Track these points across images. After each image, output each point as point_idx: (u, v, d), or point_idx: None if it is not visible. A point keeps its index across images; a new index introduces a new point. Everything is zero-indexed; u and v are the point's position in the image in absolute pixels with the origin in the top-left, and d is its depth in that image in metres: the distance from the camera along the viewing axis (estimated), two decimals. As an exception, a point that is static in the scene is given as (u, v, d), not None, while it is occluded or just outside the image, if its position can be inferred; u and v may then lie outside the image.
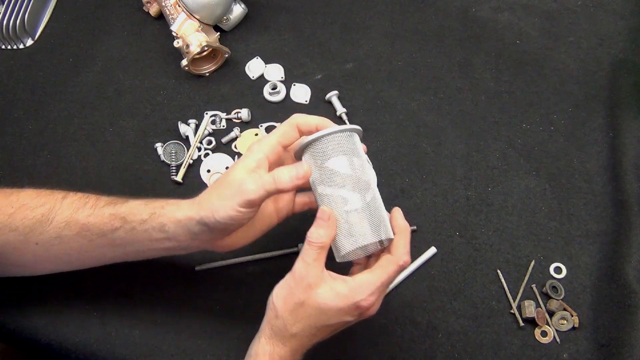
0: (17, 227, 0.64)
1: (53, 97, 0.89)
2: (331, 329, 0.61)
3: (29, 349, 0.76)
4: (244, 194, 0.59)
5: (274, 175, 0.60)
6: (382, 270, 0.59)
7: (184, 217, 0.62)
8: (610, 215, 0.76)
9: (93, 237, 0.65)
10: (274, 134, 0.63)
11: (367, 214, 0.60)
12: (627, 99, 0.83)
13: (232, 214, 0.60)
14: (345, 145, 0.61)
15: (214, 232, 0.62)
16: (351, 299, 0.58)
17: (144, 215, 0.63)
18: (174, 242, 0.64)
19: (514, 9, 0.92)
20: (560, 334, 0.70)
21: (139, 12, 0.96)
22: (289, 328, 0.59)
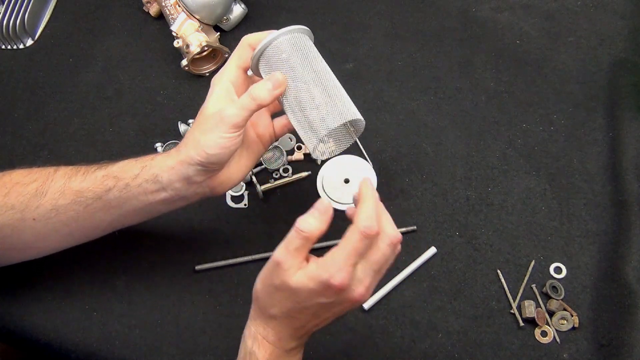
0: (14, 205, 0.65)
1: (53, 97, 0.89)
2: (311, 313, 0.57)
3: (29, 349, 0.76)
4: (226, 120, 0.60)
5: (251, 92, 0.61)
6: (345, 241, 0.55)
7: (175, 163, 0.63)
8: (610, 215, 0.76)
9: (88, 201, 0.65)
10: (231, 59, 0.65)
11: (331, 101, 0.61)
12: (627, 99, 0.83)
13: (220, 142, 0.61)
14: (296, 45, 0.62)
15: (208, 169, 0.63)
16: (319, 277, 0.54)
17: (135, 170, 0.64)
18: (170, 192, 0.64)
19: (514, 9, 0.92)
20: (560, 334, 0.70)
21: (139, 12, 0.96)
22: (268, 310, 0.58)
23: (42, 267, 0.75)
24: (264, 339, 0.58)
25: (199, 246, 0.77)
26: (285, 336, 0.58)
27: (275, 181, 0.80)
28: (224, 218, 0.78)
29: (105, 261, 0.76)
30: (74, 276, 0.76)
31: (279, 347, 0.58)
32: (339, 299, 0.56)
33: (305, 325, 0.58)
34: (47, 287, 0.75)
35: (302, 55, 0.63)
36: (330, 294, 0.55)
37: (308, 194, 0.80)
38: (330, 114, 0.61)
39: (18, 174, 0.67)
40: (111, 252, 0.77)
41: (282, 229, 0.70)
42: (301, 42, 0.63)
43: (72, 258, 0.75)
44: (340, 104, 0.62)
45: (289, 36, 0.63)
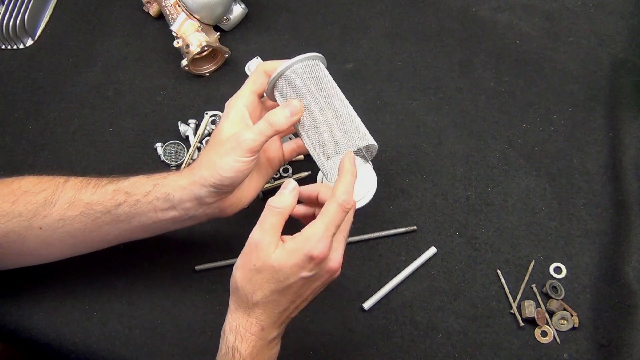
0: (21, 212, 0.65)
1: (53, 97, 0.89)
2: (293, 292, 0.58)
3: (29, 349, 0.76)
4: (243, 144, 0.61)
5: (268, 119, 0.62)
6: (324, 214, 0.58)
7: (188, 183, 0.63)
8: (610, 215, 0.76)
9: (97, 215, 0.65)
10: (246, 85, 0.66)
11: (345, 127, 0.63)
12: (627, 99, 0.83)
13: (236, 166, 0.62)
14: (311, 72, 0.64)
15: (220, 192, 0.64)
16: (301, 250, 0.56)
17: (147, 187, 0.65)
18: (180, 211, 0.65)
19: (514, 9, 0.92)
20: (560, 334, 0.70)
21: (139, 12, 0.96)
22: (250, 298, 0.58)
23: (42, 268, 0.75)
24: (246, 331, 0.58)
25: (199, 246, 0.77)
26: (268, 324, 0.59)
27: (275, 181, 0.80)
28: (224, 218, 0.78)
29: (105, 261, 0.76)
30: (74, 276, 0.76)
31: (261, 339, 0.59)
32: (319, 272, 0.58)
33: (288, 308, 0.59)
34: (47, 287, 0.75)
35: (317, 82, 0.64)
36: (311, 266, 0.57)
37: (308, 194, 0.80)
38: (344, 140, 0.63)
39: (27, 181, 0.67)
40: (111, 252, 0.76)
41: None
42: (316, 69, 0.65)
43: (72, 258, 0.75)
44: (353, 130, 0.64)
45: (305, 63, 0.64)
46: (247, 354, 0.58)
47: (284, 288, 0.58)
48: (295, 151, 0.72)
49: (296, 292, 0.59)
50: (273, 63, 0.66)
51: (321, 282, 0.60)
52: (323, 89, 0.65)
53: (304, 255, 0.56)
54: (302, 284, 0.58)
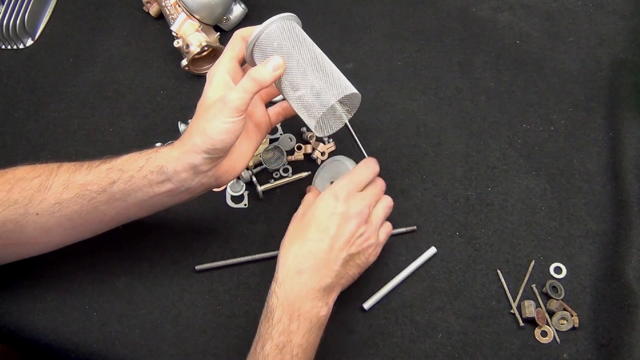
0: (17, 200, 0.65)
1: (53, 97, 0.89)
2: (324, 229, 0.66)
3: (29, 349, 0.76)
4: (229, 104, 0.62)
5: (251, 75, 0.63)
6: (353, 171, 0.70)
7: (181, 153, 0.64)
8: (610, 215, 0.76)
9: (92, 195, 0.65)
10: (225, 52, 0.67)
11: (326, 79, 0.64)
12: (627, 99, 0.83)
13: (226, 127, 0.62)
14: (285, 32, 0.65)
15: (214, 157, 0.64)
16: (329, 189, 0.68)
17: (140, 162, 0.65)
18: (175, 183, 0.65)
19: (514, 9, 0.92)
20: (560, 334, 0.70)
21: (139, 12, 0.96)
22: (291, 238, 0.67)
23: (42, 267, 0.75)
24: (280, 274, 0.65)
25: (199, 246, 0.77)
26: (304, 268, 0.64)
27: (275, 181, 0.80)
28: (224, 218, 0.78)
29: (105, 261, 0.76)
30: (74, 276, 0.76)
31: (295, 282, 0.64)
32: (349, 211, 0.67)
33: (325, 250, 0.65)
34: (47, 287, 0.75)
35: (293, 39, 0.65)
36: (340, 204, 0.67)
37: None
38: (326, 92, 0.63)
39: (21, 170, 0.68)
40: (111, 252, 0.77)
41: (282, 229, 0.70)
42: (292, 28, 0.66)
43: (72, 258, 0.75)
44: (336, 81, 0.65)
45: (279, 24, 0.65)
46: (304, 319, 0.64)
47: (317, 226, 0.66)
48: (280, 114, 0.74)
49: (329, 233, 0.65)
50: (249, 28, 0.67)
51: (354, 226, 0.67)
52: (301, 47, 0.65)
53: (330, 193, 0.67)
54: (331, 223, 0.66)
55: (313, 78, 0.64)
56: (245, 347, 0.71)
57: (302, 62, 0.64)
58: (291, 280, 0.63)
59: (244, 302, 0.74)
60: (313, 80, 0.64)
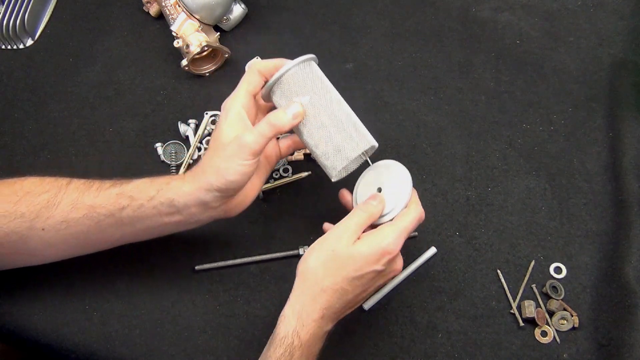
0: (23, 213, 0.65)
1: (53, 97, 0.89)
2: (362, 284, 0.62)
3: (29, 349, 0.76)
4: (246, 148, 0.62)
5: (270, 120, 0.63)
6: (403, 219, 0.64)
7: (193, 189, 0.64)
8: (610, 215, 0.76)
9: (101, 217, 0.65)
10: (241, 85, 0.67)
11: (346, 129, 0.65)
12: (627, 99, 0.83)
13: (241, 170, 0.63)
14: (308, 74, 0.65)
15: (225, 195, 0.65)
16: (379, 244, 0.61)
17: (150, 192, 0.65)
18: (184, 215, 0.65)
19: (514, 9, 0.92)
20: (560, 334, 0.70)
21: (139, 12, 0.96)
22: (321, 281, 0.60)
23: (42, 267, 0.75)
24: (308, 316, 0.60)
25: (199, 246, 0.77)
26: (329, 314, 0.61)
27: (275, 181, 0.80)
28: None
29: (105, 261, 0.76)
30: (74, 276, 0.76)
31: (320, 327, 0.61)
32: (388, 268, 0.63)
33: (350, 301, 0.62)
34: (47, 287, 0.75)
35: (314, 84, 0.65)
36: (384, 261, 0.61)
37: (308, 194, 0.80)
38: (346, 145, 0.64)
39: (30, 182, 0.67)
40: (111, 252, 0.76)
41: (282, 229, 0.70)
42: (312, 71, 0.66)
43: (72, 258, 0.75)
44: (355, 134, 0.65)
45: (300, 66, 0.65)
46: (305, 340, 0.60)
47: (355, 277, 0.60)
48: (291, 147, 0.73)
49: (364, 284, 0.62)
50: (266, 62, 0.67)
51: (384, 280, 0.64)
52: (320, 91, 0.65)
53: (382, 249, 0.61)
54: (371, 277, 0.62)
55: (333, 130, 0.64)
56: (245, 347, 0.71)
57: (323, 110, 0.65)
58: (315, 324, 0.61)
59: (244, 302, 0.74)
60: (333, 132, 0.64)
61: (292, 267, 0.75)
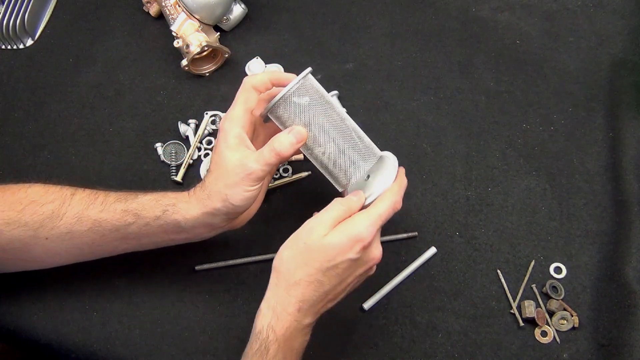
0: (27, 222, 0.65)
1: (53, 97, 0.89)
2: (337, 274, 0.60)
3: (29, 349, 0.76)
4: (251, 175, 0.62)
5: (274, 147, 0.63)
6: (377, 205, 0.62)
7: (200, 214, 0.64)
8: (610, 215, 0.76)
9: (105, 232, 0.66)
10: (237, 104, 0.65)
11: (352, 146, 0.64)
12: (627, 99, 0.83)
13: (246, 195, 0.63)
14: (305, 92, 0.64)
15: (231, 217, 0.65)
16: (350, 231, 0.59)
17: (156, 212, 0.65)
18: (191, 234, 0.67)
19: (514, 9, 0.92)
20: (560, 334, 0.70)
21: (139, 12, 0.96)
22: (292, 274, 0.60)
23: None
24: (283, 310, 0.59)
25: (199, 246, 0.77)
26: (305, 306, 0.60)
27: (275, 181, 0.80)
28: (224, 218, 0.78)
29: (105, 261, 0.76)
30: (74, 276, 0.76)
31: (296, 320, 0.60)
32: (364, 257, 0.61)
33: (328, 292, 0.60)
34: (47, 287, 0.75)
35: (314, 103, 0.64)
36: (358, 249, 0.59)
37: (308, 194, 0.80)
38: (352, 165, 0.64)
39: (34, 191, 0.67)
40: (111, 252, 0.77)
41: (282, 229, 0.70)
42: (311, 88, 0.65)
43: (72, 258, 0.75)
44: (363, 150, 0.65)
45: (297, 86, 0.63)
46: (281, 335, 0.59)
47: (328, 268, 0.59)
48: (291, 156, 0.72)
49: (340, 274, 0.60)
50: (261, 77, 0.66)
51: (363, 269, 0.62)
52: (321, 107, 0.64)
53: (354, 237, 0.59)
54: (346, 266, 0.60)
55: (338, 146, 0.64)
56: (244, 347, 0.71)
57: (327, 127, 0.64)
58: (290, 317, 0.60)
59: (244, 302, 0.74)
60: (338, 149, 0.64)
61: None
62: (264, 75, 0.66)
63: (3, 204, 0.65)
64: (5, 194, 0.67)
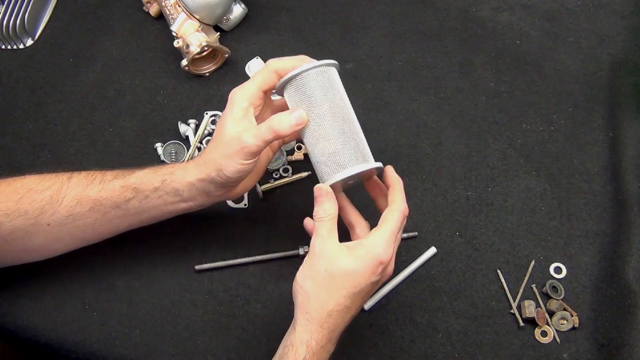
0: (27, 210, 0.65)
1: (53, 97, 0.89)
2: (362, 297, 0.61)
3: (29, 349, 0.76)
4: (245, 149, 0.62)
5: (272, 125, 0.62)
6: (387, 221, 0.61)
7: (195, 180, 0.65)
8: (610, 215, 0.76)
9: (107, 210, 0.67)
10: (254, 80, 0.65)
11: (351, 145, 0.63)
12: (627, 99, 0.83)
13: (240, 168, 0.63)
14: (323, 80, 0.64)
15: (226, 186, 0.66)
16: (371, 255, 0.59)
17: (155, 183, 0.66)
18: (190, 203, 0.67)
19: (514, 9, 0.92)
20: (560, 334, 0.70)
21: (139, 12, 0.96)
22: (325, 306, 0.59)
23: (42, 267, 0.75)
24: (317, 344, 0.59)
25: (199, 246, 0.77)
26: (335, 335, 0.61)
27: (275, 181, 0.80)
28: (224, 218, 0.78)
29: (105, 261, 0.76)
30: (74, 276, 0.76)
31: (328, 351, 0.60)
32: (382, 276, 0.61)
33: (353, 315, 0.61)
34: (47, 287, 0.75)
35: (326, 92, 0.64)
36: (380, 269, 0.60)
37: (308, 194, 0.80)
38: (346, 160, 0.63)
39: (30, 180, 0.67)
40: (111, 252, 0.77)
41: (282, 228, 0.70)
42: (329, 78, 0.64)
43: (72, 258, 0.75)
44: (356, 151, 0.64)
45: (318, 70, 0.63)
46: None
47: (356, 293, 0.59)
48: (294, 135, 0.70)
49: (364, 296, 0.61)
50: (285, 61, 0.65)
51: (379, 284, 0.63)
52: (331, 100, 0.64)
53: (375, 260, 0.59)
54: (370, 288, 0.61)
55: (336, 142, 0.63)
56: (245, 347, 0.71)
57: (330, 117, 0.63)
58: (324, 349, 0.60)
59: (244, 302, 0.74)
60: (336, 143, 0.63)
61: (292, 267, 0.75)
62: (290, 61, 0.65)
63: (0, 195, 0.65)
64: (1, 186, 0.67)
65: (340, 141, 0.63)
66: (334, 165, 0.63)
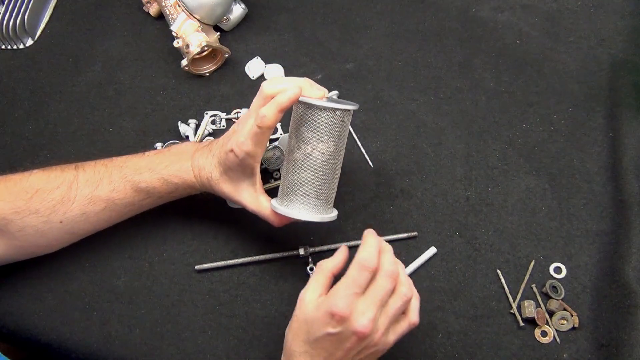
0: (38, 209, 0.66)
1: (53, 97, 0.89)
2: (323, 348, 0.58)
3: (29, 349, 0.76)
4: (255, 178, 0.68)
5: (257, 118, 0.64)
6: (346, 275, 0.59)
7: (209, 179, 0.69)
8: (610, 215, 0.76)
9: (120, 208, 0.70)
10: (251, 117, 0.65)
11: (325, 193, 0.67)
12: (627, 99, 0.83)
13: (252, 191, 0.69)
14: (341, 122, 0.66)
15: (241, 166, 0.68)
16: (324, 305, 0.58)
17: (169, 188, 0.70)
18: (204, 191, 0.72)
19: (514, 9, 0.92)
20: (560, 334, 0.70)
21: (139, 12, 0.96)
22: (291, 346, 0.60)
23: (42, 267, 0.75)
24: None
25: (199, 246, 0.77)
26: None
27: (275, 181, 0.80)
28: (224, 218, 0.78)
29: (105, 261, 0.76)
30: (74, 276, 0.76)
31: None
32: (345, 331, 0.57)
33: None
34: (47, 287, 0.75)
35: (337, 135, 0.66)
36: (334, 322, 0.57)
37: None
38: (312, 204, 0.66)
39: (36, 178, 0.68)
40: (111, 252, 0.77)
41: (282, 228, 0.70)
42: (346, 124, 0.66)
43: (72, 258, 0.75)
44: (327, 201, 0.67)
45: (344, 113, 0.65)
46: None
47: (313, 341, 0.58)
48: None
49: (326, 349, 0.58)
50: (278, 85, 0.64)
51: (351, 344, 0.57)
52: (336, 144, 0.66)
53: (325, 311, 0.57)
54: (330, 341, 0.58)
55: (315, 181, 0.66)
56: (245, 347, 0.71)
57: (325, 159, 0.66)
58: None
59: (244, 302, 0.74)
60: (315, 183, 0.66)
61: (292, 267, 0.75)
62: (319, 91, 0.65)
63: (8, 195, 0.66)
64: (8, 184, 0.67)
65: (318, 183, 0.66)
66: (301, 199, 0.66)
